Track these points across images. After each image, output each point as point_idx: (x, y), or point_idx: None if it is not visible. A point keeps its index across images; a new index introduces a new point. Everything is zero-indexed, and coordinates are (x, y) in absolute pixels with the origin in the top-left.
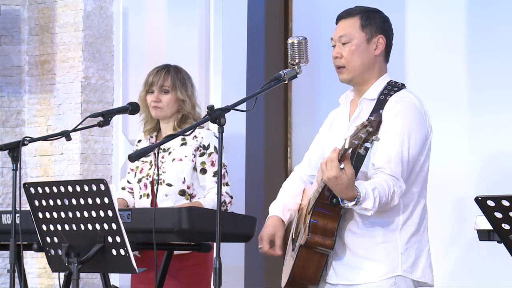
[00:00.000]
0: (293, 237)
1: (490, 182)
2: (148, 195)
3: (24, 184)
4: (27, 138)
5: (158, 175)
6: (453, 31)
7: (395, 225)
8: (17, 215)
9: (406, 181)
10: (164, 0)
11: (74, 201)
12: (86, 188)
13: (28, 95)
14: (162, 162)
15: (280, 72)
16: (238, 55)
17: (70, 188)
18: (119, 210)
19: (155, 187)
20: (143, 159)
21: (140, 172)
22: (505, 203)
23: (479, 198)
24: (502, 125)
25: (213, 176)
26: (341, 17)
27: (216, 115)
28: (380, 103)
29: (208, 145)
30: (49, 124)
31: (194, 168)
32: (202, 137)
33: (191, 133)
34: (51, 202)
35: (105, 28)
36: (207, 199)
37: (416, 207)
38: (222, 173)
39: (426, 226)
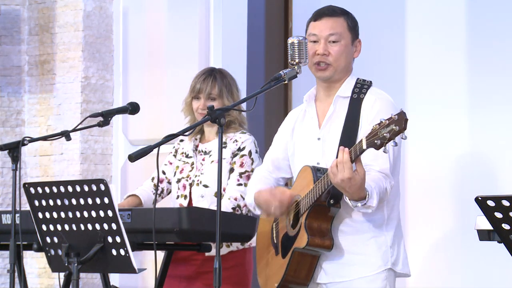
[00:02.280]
0: (275, 241)
1: (489, 182)
2: (185, 196)
3: (24, 184)
4: (27, 138)
5: (158, 176)
6: (453, 31)
7: (381, 220)
8: (17, 215)
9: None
10: (164, 0)
11: (74, 201)
12: (86, 188)
13: (28, 95)
14: (202, 164)
15: (280, 72)
16: (238, 55)
17: (70, 188)
18: (119, 210)
19: (162, 188)
20: (184, 159)
21: (181, 172)
22: (505, 203)
23: (479, 198)
24: (502, 125)
25: (238, 175)
26: (324, 14)
27: (216, 115)
28: (355, 101)
29: (244, 148)
30: (49, 124)
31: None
32: (242, 142)
33: (191, 133)
34: (51, 202)
35: (105, 28)
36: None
37: (395, 201)
38: (247, 175)
39: (400, 218)
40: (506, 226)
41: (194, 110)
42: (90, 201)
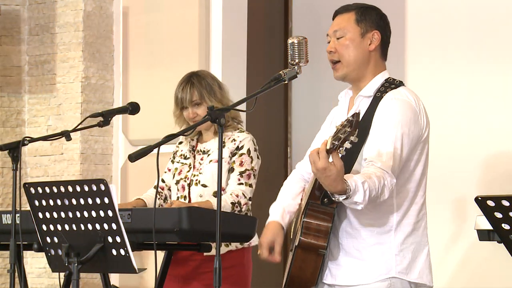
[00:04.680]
0: (291, 237)
1: (490, 182)
2: (185, 197)
3: (24, 184)
4: (27, 138)
5: (158, 176)
6: (453, 31)
7: (389, 226)
8: (17, 215)
9: (399, 179)
10: (164, 0)
11: (74, 201)
12: (86, 188)
13: (28, 95)
14: (200, 164)
15: (280, 72)
16: (238, 55)
17: (70, 188)
18: (119, 210)
19: (165, 194)
20: (182, 161)
21: (179, 174)
22: (505, 203)
23: (479, 198)
24: (502, 124)
25: (238, 175)
26: (337, 12)
27: (216, 115)
28: (376, 100)
29: (242, 147)
30: (49, 124)
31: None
32: (240, 140)
33: (191, 133)
34: (51, 202)
35: (105, 28)
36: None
37: (411, 207)
38: (248, 174)
39: (425, 226)
40: (506, 226)
41: (187, 120)
42: (90, 201)
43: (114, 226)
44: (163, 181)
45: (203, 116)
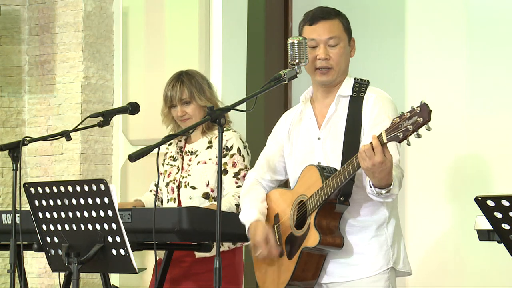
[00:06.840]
0: (278, 244)
1: (489, 181)
2: (174, 199)
3: (24, 184)
4: (27, 138)
5: (158, 176)
6: (453, 31)
7: (383, 219)
8: (17, 215)
9: None
10: (164, 0)
11: (74, 201)
12: (86, 188)
13: (28, 95)
14: (189, 165)
15: (280, 72)
16: (238, 55)
17: (70, 188)
18: (119, 210)
19: (161, 197)
20: (171, 163)
21: (168, 176)
22: (505, 203)
23: (479, 198)
24: (502, 124)
25: (233, 177)
26: (319, 17)
27: (216, 115)
28: (356, 100)
29: (231, 146)
30: (49, 124)
31: None
32: (227, 140)
33: (191, 132)
34: (51, 202)
35: (105, 28)
36: (223, 202)
37: (395, 199)
38: (243, 174)
39: (399, 217)
40: (506, 226)
41: (175, 118)
42: (90, 201)
43: (114, 226)
44: (155, 185)
45: (203, 116)
